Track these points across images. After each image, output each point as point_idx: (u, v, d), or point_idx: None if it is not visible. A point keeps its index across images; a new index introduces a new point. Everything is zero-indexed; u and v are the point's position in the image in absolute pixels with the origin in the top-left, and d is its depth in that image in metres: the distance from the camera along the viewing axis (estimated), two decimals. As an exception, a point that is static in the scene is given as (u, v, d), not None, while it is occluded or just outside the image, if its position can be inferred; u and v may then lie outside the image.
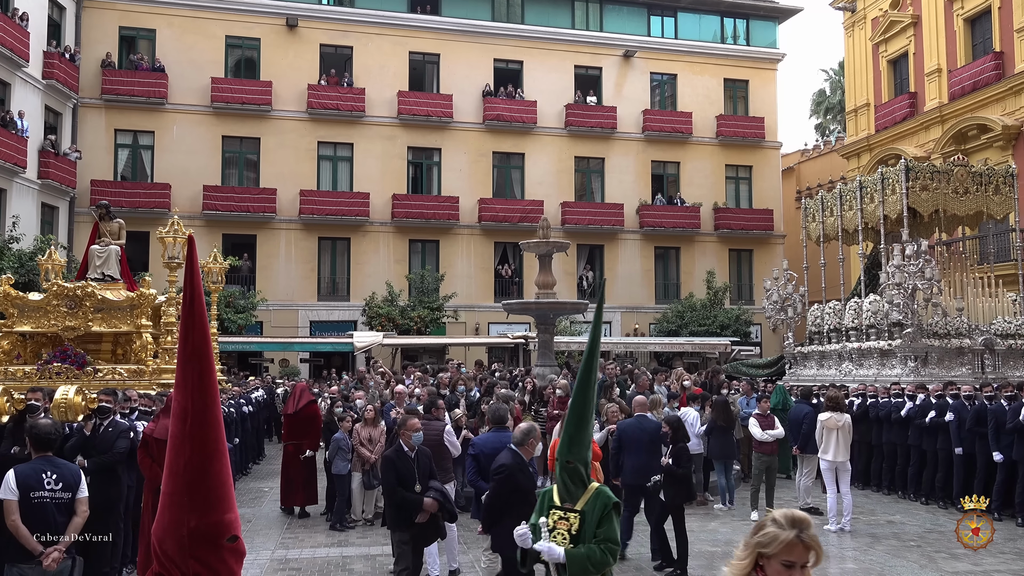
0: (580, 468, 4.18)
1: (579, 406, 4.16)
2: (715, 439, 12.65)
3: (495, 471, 6.41)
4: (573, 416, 4.16)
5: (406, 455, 7.00)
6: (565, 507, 4.22)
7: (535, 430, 6.74)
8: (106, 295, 12.75)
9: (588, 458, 4.21)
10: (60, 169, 26.08)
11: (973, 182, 17.73)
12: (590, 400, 4.13)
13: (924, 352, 16.03)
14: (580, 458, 4.19)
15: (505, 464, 6.35)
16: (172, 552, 2.18)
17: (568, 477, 4.19)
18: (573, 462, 4.15)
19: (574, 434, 4.15)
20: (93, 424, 7.47)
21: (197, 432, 2.12)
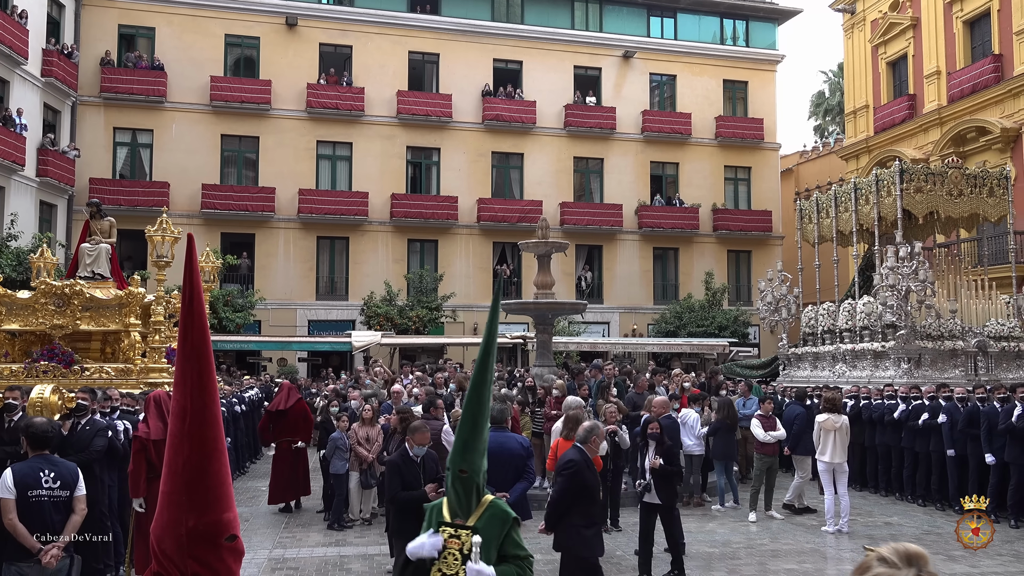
0: (474, 478, 3.62)
1: (473, 408, 3.64)
2: (719, 439, 12.67)
3: (563, 467, 6.34)
4: (467, 419, 3.62)
5: (411, 460, 6.87)
6: (456, 523, 3.64)
7: (598, 427, 6.73)
8: (94, 293, 12.70)
9: (483, 466, 3.66)
10: (59, 167, 26.05)
11: (967, 184, 17.77)
12: (485, 402, 3.64)
13: (917, 354, 16.05)
14: (474, 467, 3.63)
15: (574, 460, 6.33)
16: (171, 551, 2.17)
17: (460, 488, 3.60)
18: (466, 471, 3.57)
19: (468, 439, 3.59)
20: (71, 423, 7.44)
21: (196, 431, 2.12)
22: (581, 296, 30.34)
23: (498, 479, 7.25)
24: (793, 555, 9.80)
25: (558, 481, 6.34)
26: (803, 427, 12.14)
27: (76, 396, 7.46)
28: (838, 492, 11.01)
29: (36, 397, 6.30)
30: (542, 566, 9.01)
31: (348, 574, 8.88)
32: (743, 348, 29.36)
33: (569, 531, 6.33)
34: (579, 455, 6.41)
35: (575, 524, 6.34)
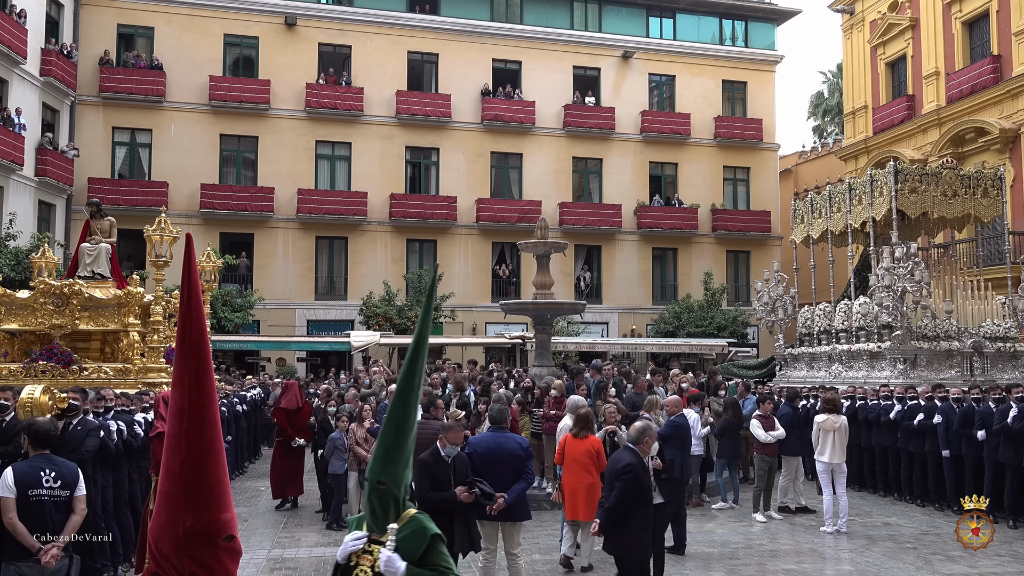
0: (394, 491, 3.26)
1: (397, 415, 3.25)
2: (726, 439, 12.68)
3: (623, 471, 6.27)
4: (390, 427, 3.24)
5: (443, 459, 6.78)
6: (372, 538, 3.29)
7: (651, 428, 6.69)
8: (94, 293, 12.69)
9: (406, 479, 3.32)
10: (57, 167, 26.04)
11: (962, 185, 17.78)
12: (411, 408, 3.27)
13: (913, 354, 16.05)
14: (395, 479, 3.26)
15: (632, 463, 6.31)
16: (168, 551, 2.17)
17: (377, 502, 3.26)
18: (386, 483, 3.22)
19: (391, 449, 3.22)
20: (62, 423, 7.42)
21: (194, 431, 2.12)
22: (580, 296, 30.34)
23: (497, 479, 7.24)
24: (792, 555, 9.80)
25: (616, 485, 6.27)
26: (790, 427, 12.14)
27: (67, 396, 7.45)
28: (836, 492, 11.02)
29: (26, 397, 6.28)
30: (541, 566, 9.02)
31: (347, 574, 8.87)
32: (742, 348, 29.37)
33: (627, 534, 6.33)
34: (635, 457, 6.38)
35: (633, 527, 6.34)
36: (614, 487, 6.32)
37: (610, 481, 6.45)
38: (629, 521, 6.30)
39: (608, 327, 31.88)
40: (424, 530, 3.29)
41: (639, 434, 6.50)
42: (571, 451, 8.53)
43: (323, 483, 11.85)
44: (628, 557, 6.34)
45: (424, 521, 3.29)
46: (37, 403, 6.25)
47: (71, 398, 7.51)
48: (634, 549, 6.35)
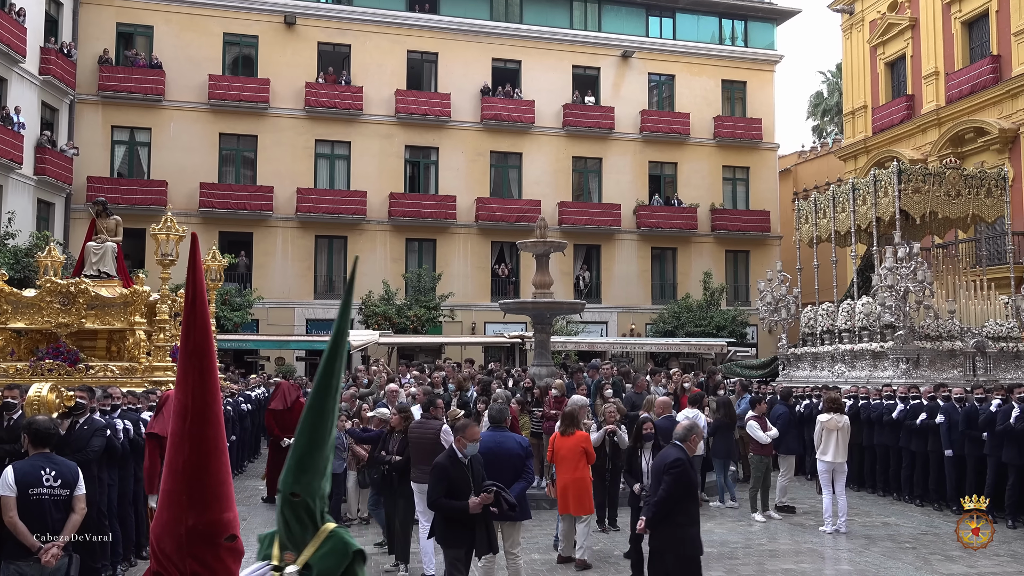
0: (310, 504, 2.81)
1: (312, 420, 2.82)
2: (719, 438, 12.70)
3: (671, 466, 6.28)
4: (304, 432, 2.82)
5: (460, 462, 6.70)
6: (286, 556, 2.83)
7: (697, 427, 6.68)
8: (100, 292, 12.72)
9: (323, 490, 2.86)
10: (56, 165, 26.01)
11: (965, 185, 17.79)
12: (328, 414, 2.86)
13: (916, 354, 16.06)
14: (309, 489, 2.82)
15: (680, 460, 6.31)
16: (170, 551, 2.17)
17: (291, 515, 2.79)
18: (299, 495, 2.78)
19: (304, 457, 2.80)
20: (69, 422, 7.43)
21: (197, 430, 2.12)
22: (579, 296, 30.34)
23: (496, 479, 7.24)
24: (791, 555, 9.80)
25: (664, 480, 6.27)
26: (786, 426, 12.14)
27: (74, 395, 7.45)
28: (836, 492, 11.03)
29: (34, 395, 6.28)
30: (540, 565, 9.02)
31: (346, 573, 8.87)
32: (741, 348, 29.38)
33: (673, 530, 6.33)
34: (683, 454, 6.37)
35: (680, 523, 6.34)
36: (662, 482, 6.29)
37: (656, 476, 6.44)
38: (675, 516, 6.30)
39: (607, 327, 31.88)
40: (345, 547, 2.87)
41: (687, 432, 6.50)
42: (560, 448, 8.73)
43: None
44: (673, 555, 6.33)
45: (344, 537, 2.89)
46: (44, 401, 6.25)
47: (78, 396, 7.51)
48: (678, 545, 6.34)
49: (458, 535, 6.58)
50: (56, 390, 6.49)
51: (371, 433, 9.73)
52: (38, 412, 6.18)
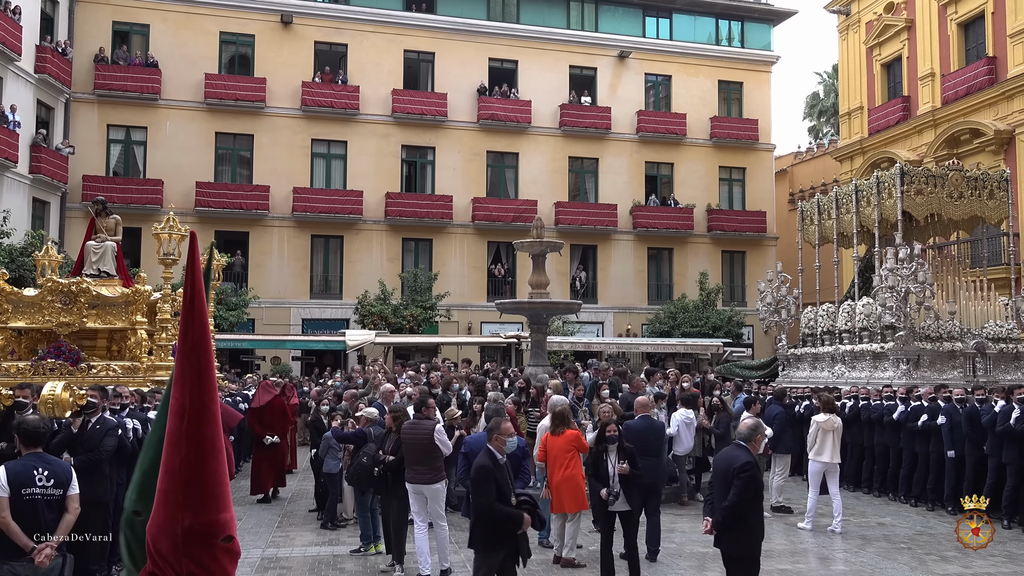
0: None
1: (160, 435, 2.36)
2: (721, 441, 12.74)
3: (741, 469, 6.20)
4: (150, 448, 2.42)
5: (500, 463, 6.57)
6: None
7: (761, 426, 6.60)
8: (101, 291, 12.70)
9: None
10: (52, 164, 25.95)
11: (968, 187, 17.82)
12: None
13: (916, 355, 16.09)
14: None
15: (750, 462, 6.26)
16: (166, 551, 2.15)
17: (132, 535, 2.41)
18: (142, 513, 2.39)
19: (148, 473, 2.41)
20: (81, 421, 7.42)
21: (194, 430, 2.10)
22: (575, 296, 30.34)
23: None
24: (787, 555, 9.81)
25: (735, 484, 6.19)
26: (783, 426, 12.15)
27: (86, 394, 7.44)
28: (831, 491, 11.07)
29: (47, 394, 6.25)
30: (535, 566, 9.01)
31: (341, 573, 8.86)
32: (737, 348, 29.40)
33: (744, 531, 6.30)
34: (750, 456, 6.32)
35: (751, 524, 6.32)
36: (732, 485, 6.21)
37: (724, 480, 6.33)
38: (747, 519, 6.27)
39: (603, 327, 31.90)
40: None
41: (751, 432, 6.44)
42: (551, 448, 8.72)
43: (318, 482, 11.84)
44: (743, 556, 6.32)
45: None
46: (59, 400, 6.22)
47: (90, 395, 7.50)
48: (750, 548, 6.33)
49: (501, 542, 6.42)
50: (70, 389, 6.47)
51: (352, 433, 9.70)
52: (53, 411, 6.16)
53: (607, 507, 8.05)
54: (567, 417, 8.97)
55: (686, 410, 12.49)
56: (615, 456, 8.10)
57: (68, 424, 7.35)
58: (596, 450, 8.34)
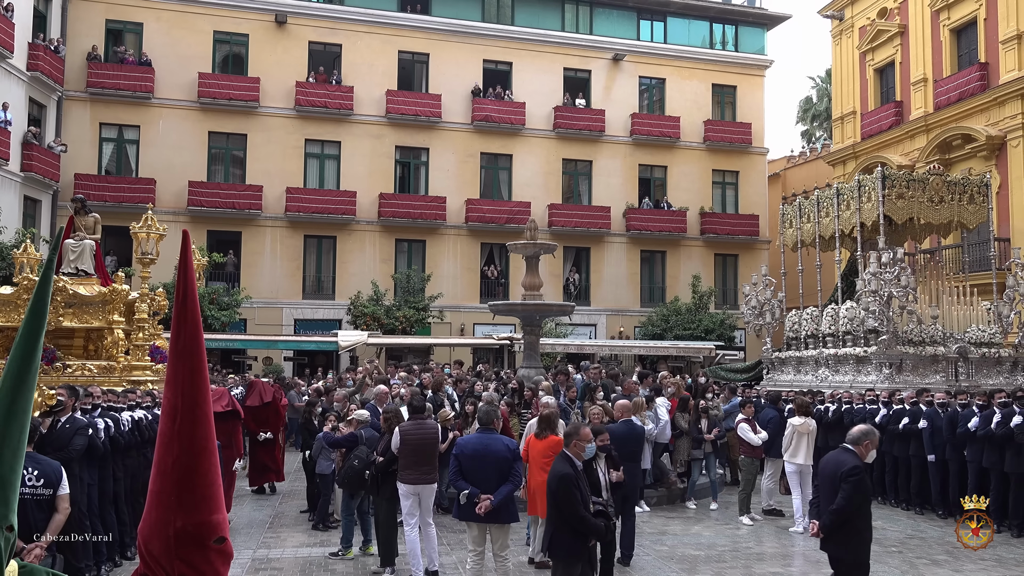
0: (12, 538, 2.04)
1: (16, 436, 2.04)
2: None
3: (849, 473, 6.13)
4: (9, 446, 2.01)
5: (580, 469, 6.47)
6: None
7: (872, 432, 6.55)
8: (78, 290, 12.61)
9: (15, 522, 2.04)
10: (43, 162, 25.83)
11: (948, 191, 17.92)
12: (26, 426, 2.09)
13: (899, 359, 16.16)
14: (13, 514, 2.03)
15: (859, 467, 6.22)
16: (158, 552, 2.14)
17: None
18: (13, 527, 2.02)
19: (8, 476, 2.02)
20: (50, 421, 7.37)
21: (186, 430, 2.09)
22: (568, 298, 30.36)
23: (484, 481, 7.24)
24: (778, 558, 9.83)
25: (843, 488, 6.16)
26: (777, 430, 12.21)
27: (55, 393, 7.39)
28: (805, 492, 11.23)
29: None
30: (528, 566, 9.00)
31: (333, 575, 8.84)
32: (729, 352, 29.46)
33: (852, 535, 6.28)
34: (858, 460, 6.30)
35: (859, 528, 6.29)
36: (840, 489, 6.17)
37: (830, 483, 6.30)
38: (855, 522, 6.26)
39: (596, 329, 31.92)
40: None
41: (861, 435, 6.42)
42: (532, 451, 8.64)
43: (310, 483, 11.81)
44: (851, 559, 6.30)
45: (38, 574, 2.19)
46: None
47: (58, 395, 7.45)
48: (857, 551, 6.31)
49: (583, 551, 6.35)
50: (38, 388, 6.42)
51: (343, 437, 9.67)
52: None
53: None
54: (553, 422, 8.90)
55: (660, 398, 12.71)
56: (604, 464, 7.83)
57: (37, 424, 7.30)
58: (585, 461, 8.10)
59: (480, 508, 7.20)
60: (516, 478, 7.41)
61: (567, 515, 6.19)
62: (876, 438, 6.56)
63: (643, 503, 12.17)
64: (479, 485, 7.28)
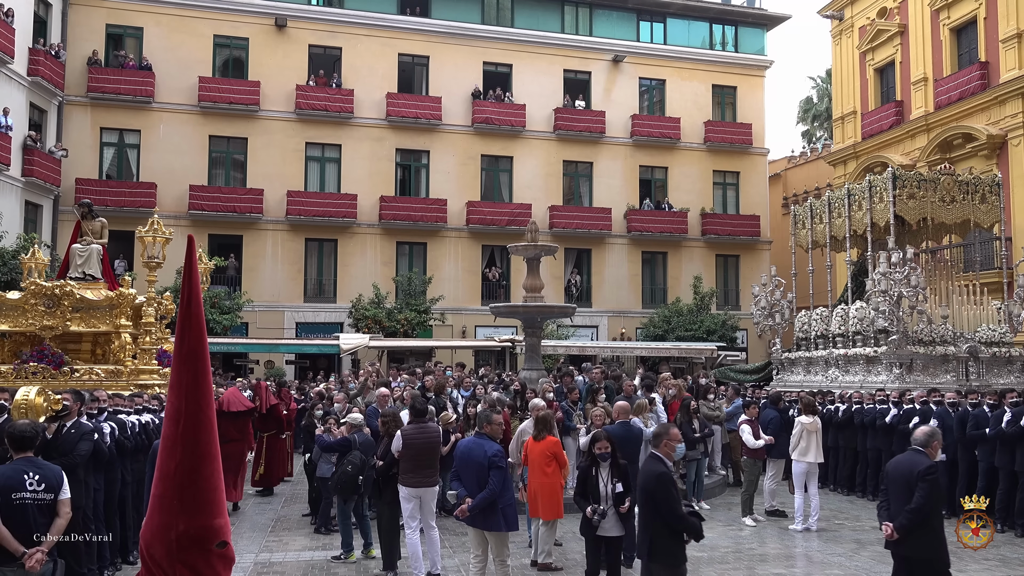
0: None
1: None
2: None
3: (926, 472, 6.14)
4: None
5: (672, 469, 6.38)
6: None
7: (938, 433, 6.58)
8: (85, 294, 12.61)
9: None
10: (44, 167, 25.85)
11: (960, 191, 17.87)
12: None
13: (909, 359, 16.12)
14: None
15: (935, 466, 6.26)
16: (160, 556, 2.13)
17: None
18: None
19: None
20: (55, 426, 7.36)
21: (190, 435, 2.08)
22: (570, 299, 30.34)
23: (470, 485, 7.30)
24: (781, 559, 9.80)
25: (920, 487, 6.15)
26: (778, 431, 12.20)
27: (61, 398, 7.38)
28: (809, 491, 11.27)
29: (21, 399, 6.20)
30: (530, 569, 8.98)
31: (336, 578, 8.82)
32: (731, 352, 29.43)
33: (929, 534, 6.25)
34: (931, 459, 6.30)
35: (935, 527, 6.27)
36: (917, 488, 6.16)
37: (904, 484, 6.29)
38: (931, 522, 6.24)
39: (598, 331, 31.90)
40: None
41: (928, 438, 6.43)
42: (531, 453, 8.65)
43: (311, 486, 11.79)
44: (932, 557, 6.28)
45: None
46: (32, 404, 6.17)
47: (64, 400, 7.44)
48: (937, 549, 6.29)
49: (683, 551, 6.20)
50: (44, 393, 6.42)
51: (336, 441, 9.65)
52: (26, 415, 6.11)
53: (595, 530, 7.23)
54: (550, 423, 8.89)
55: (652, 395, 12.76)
56: (607, 474, 7.28)
57: (43, 429, 7.28)
58: (584, 467, 7.53)
59: (458, 511, 7.27)
60: (493, 485, 7.28)
61: (667, 514, 5.99)
62: (940, 438, 6.61)
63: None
64: (467, 489, 7.31)
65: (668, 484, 6.03)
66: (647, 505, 6.11)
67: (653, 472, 6.13)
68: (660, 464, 6.18)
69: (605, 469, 7.30)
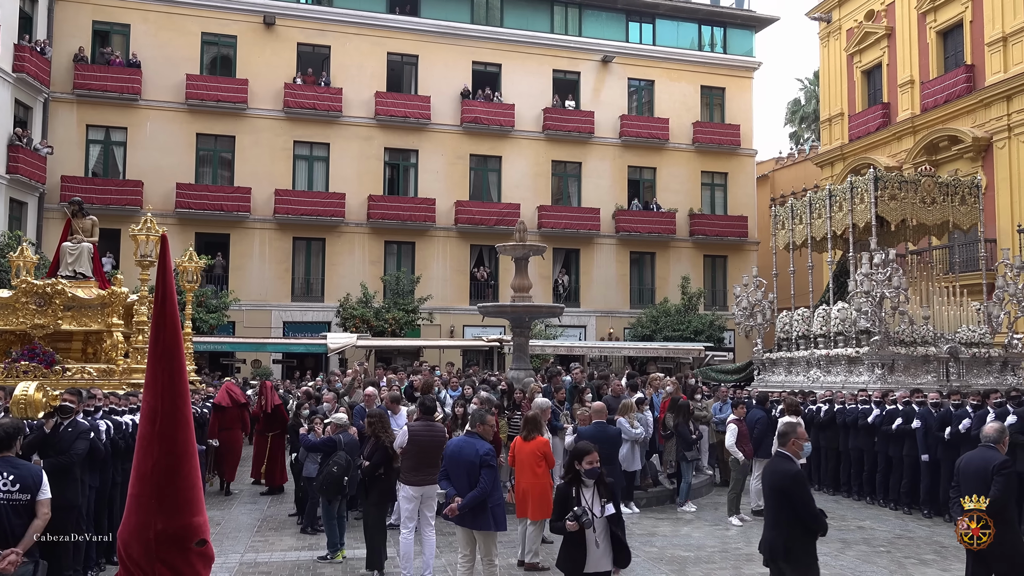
0: None
1: None
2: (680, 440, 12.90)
3: (1001, 466, 6.22)
4: None
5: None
6: None
7: (1007, 429, 6.65)
8: (76, 293, 12.53)
9: None
10: (29, 164, 25.65)
11: (940, 192, 18.04)
12: None
13: (891, 360, 16.21)
14: None
15: (1009, 460, 6.34)
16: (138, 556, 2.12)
17: None
18: None
19: None
20: (54, 423, 7.31)
21: (167, 433, 2.06)
22: (558, 299, 30.36)
23: (458, 485, 7.28)
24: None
25: (996, 481, 6.18)
26: (764, 431, 12.23)
27: (63, 397, 7.33)
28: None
29: (20, 395, 6.12)
30: (518, 569, 8.98)
31: (321, 578, 8.79)
32: (718, 352, 29.54)
33: (1008, 525, 6.25)
34: (1004, 455, 6.36)
35: (1009, 518, 6.29)
36: (993, 482, 6.20)
37: (979, 479, 6.34)
38: (1006, 515, 6.28)
39: (586, 330, 31.93)
40: None
41: (999, 434, 6.51)
42: (519, 453, 8.63)
43: (298, 486, 11.74)
44: (1009, 551, 6.27)
45: None
46: (31, 400, 6.10)
47: (65, 399, 7.38)
48: (1016, 541, 6.30)
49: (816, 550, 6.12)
50: (43, 389, 6.35)
51: (320, 441, 9.61)
52: (25, 412, 6.05)
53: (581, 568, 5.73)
54: (539, 423, 8.89)
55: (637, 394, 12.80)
56: (591, 494, 5.86)
57: (40, 425, 7.23)
58: (563, 487, 6.05)
59: (447, 510, 7.25)
60: (483, 484, 7.28)
61: (803, 513, 5.82)
62: (1008, 434, 6.72)
63: (632, 504, 12.16)
64: (456, 488, 7.29)
65: (804, 483, 5.91)
66: (782, 506, 5.94)
67: (788, 472, 5.94)
68: (791, 463, 6.02)
69: (589, 489, 5.88)
